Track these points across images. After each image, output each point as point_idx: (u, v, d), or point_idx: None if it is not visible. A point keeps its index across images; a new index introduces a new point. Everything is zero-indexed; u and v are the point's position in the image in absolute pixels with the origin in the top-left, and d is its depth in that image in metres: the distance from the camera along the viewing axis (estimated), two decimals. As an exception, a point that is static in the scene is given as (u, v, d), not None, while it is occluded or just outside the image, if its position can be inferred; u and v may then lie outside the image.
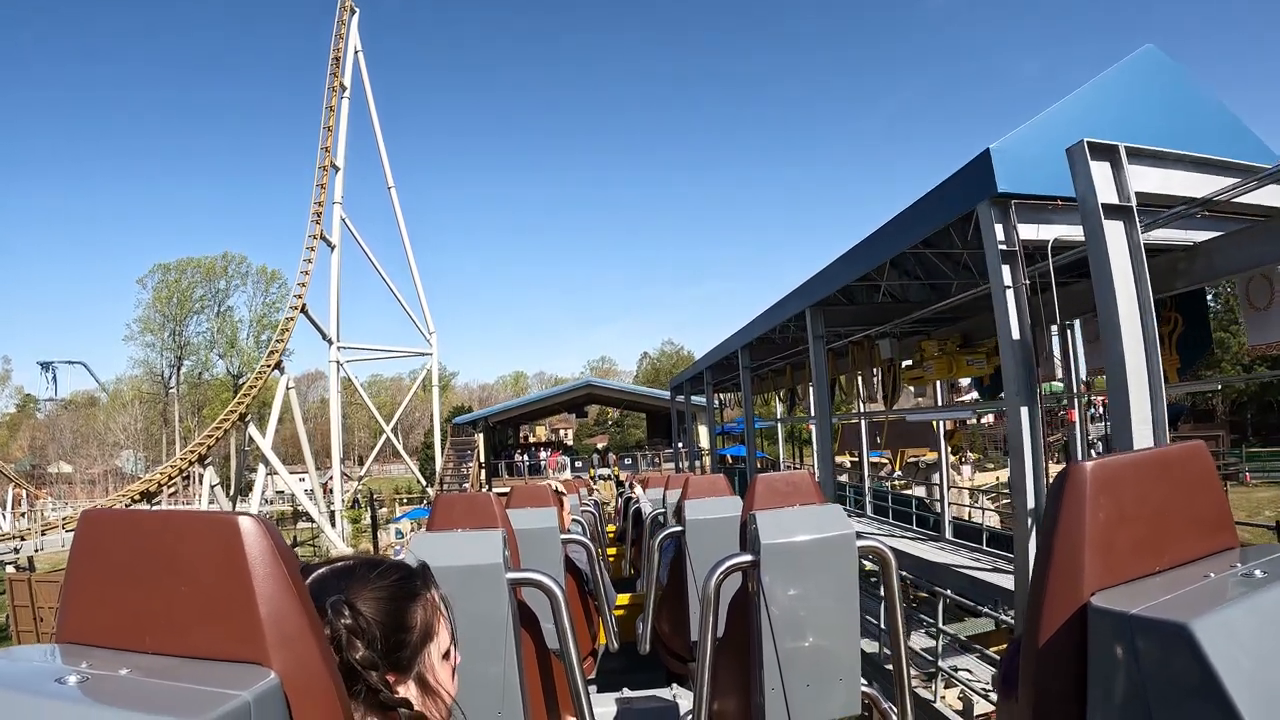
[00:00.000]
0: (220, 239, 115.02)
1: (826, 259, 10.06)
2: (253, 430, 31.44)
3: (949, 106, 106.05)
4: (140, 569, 0.73)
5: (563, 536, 3.32)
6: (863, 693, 2.26)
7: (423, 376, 43.63)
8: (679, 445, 28.07)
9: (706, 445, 29.10)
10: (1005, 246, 5.22)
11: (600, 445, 53.65)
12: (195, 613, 0.70)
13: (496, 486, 33.45)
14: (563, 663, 2.12)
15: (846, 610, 2.17)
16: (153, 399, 56.22)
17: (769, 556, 2.09)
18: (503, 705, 1.99)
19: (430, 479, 39.84)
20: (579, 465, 39.70)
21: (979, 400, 13.00)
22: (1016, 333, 5.20)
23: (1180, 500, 0.89)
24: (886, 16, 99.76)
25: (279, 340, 33.85)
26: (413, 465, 45.01)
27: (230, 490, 34.29)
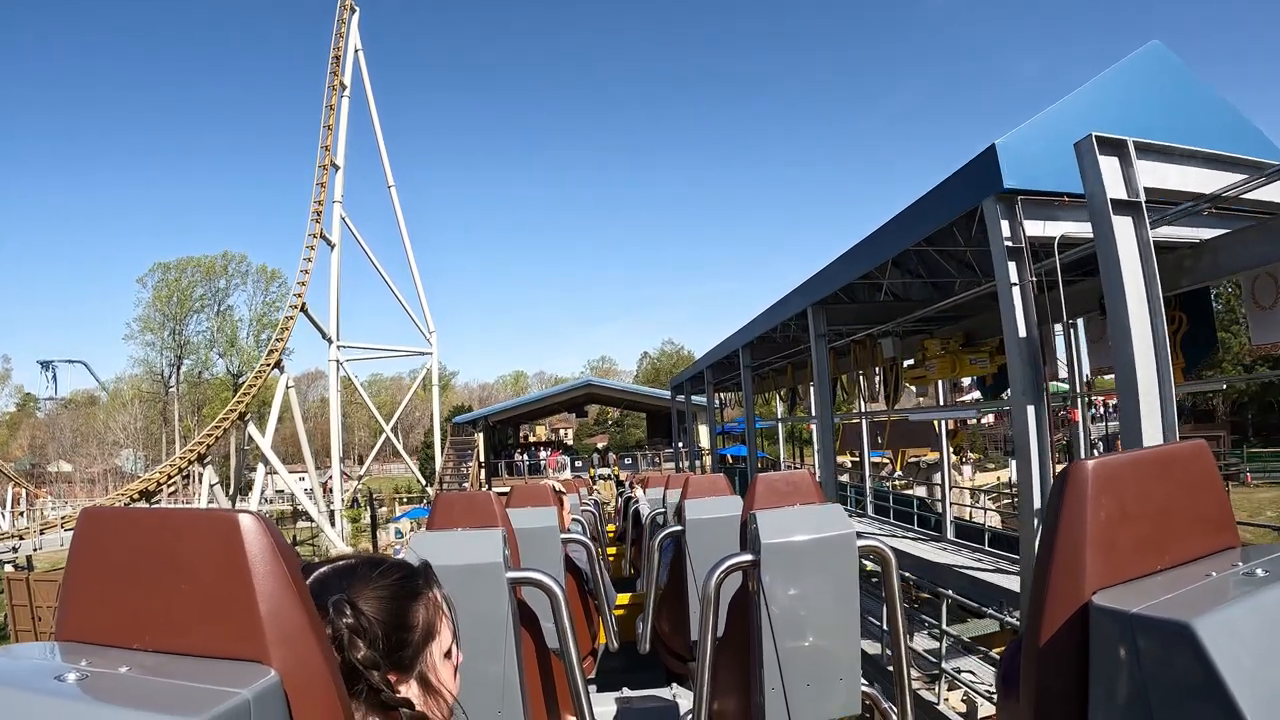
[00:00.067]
0: (220, 238, 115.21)
1: (826, 259, 9.98)
2: (252, 429, 31.47)
3: (949, 106, 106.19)
4: (140, 567, 0.72)
5: (563, 536, 3.32)
6: (863, 693, 2.26)
7: (423, 376, 43.62)
8: (679, 445, 28.06)
9: (707, 445, 29.11)
10: (1011, 243, 5.15)
11: (600, 445, 53.66)
12: (195, 610, 0.70)
13: (496, 486, 33.44)
14: (563, 662, 2.12)
15: (846, 610, 2.17)
16: (152, 398, 56.21)
17: (769, 556, 2.09)
18: (502, 704, 1.99)
19: (430, 478, 39.84)
20: (579, 465, 39.69)
21: (981, 400, 12.96)
22: (1023, 330, 5.13)
23: (1182, 499, 0.89)
24: (886, 16, 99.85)
25: (279, 339, 33.87)
26: (412, 465, 44.99)
27: (230, 489, 34.29)
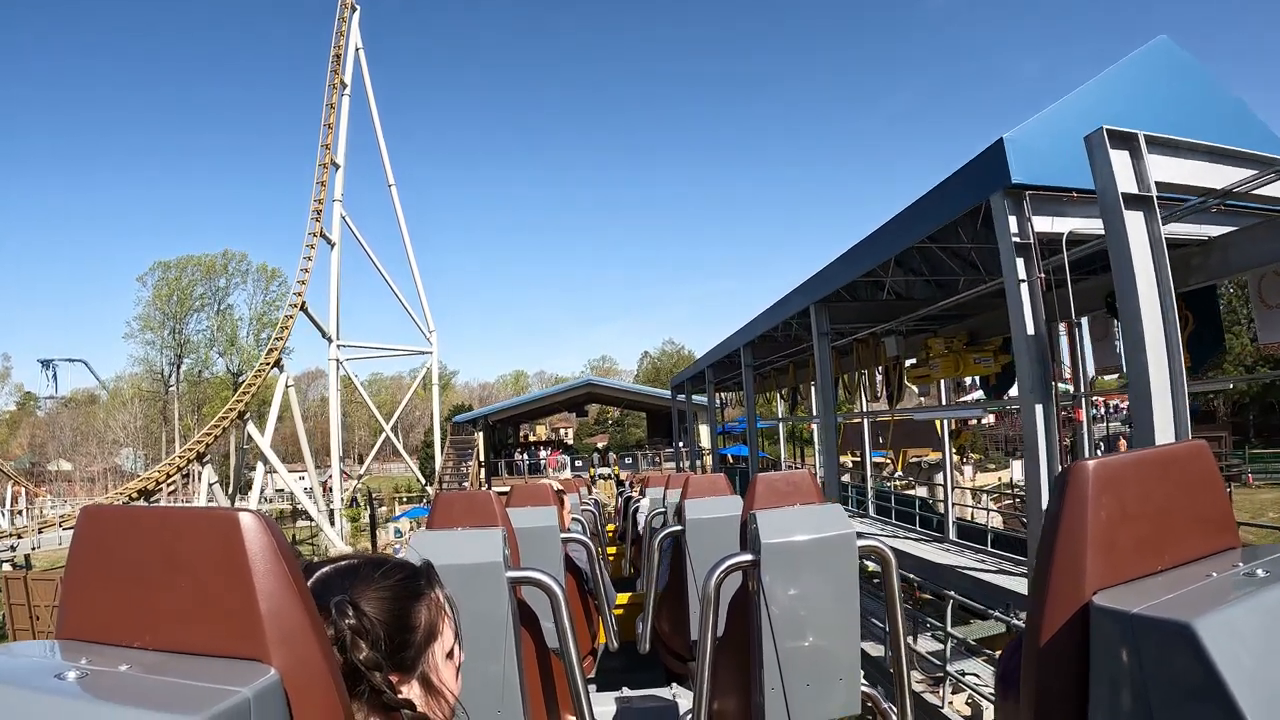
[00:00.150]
0: (220, 237, 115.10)
1: (826, 259, 9.96)
2: (251, 428, 31.42)
3: (949, 107, 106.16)
4: (141, 565, 0.72)
5: (563, 535, 3.32)
6: (863, 693, 2.26)
7: (423, 375, 43.61)
8: (679, 444, 28.05)
9: (707, 445, 29.10)
10: (1019, 239, 5.08)
11: (600, 444, 53.67)
12: (195, 609, 0.70)
13: (496, 485, 33.45)
14: (562, 662, 2.12)
15: (846, 610, 2.16)
16: (152, 397, 56.21)
17: (769, 556, 2.09)
18: (502, 704, 1.99)
19: (430, 478, 39.83)
20: (579, 464, 39.71)
21: (984, 400, 12.91)
22: (1031, 328, 5.06)
23: (1182, 500, 0.89)
24: (886, 16, 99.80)
25: (278, 338, 33.86)
26: (412, 464, 44.97)
27: (229, 488, 34.27)
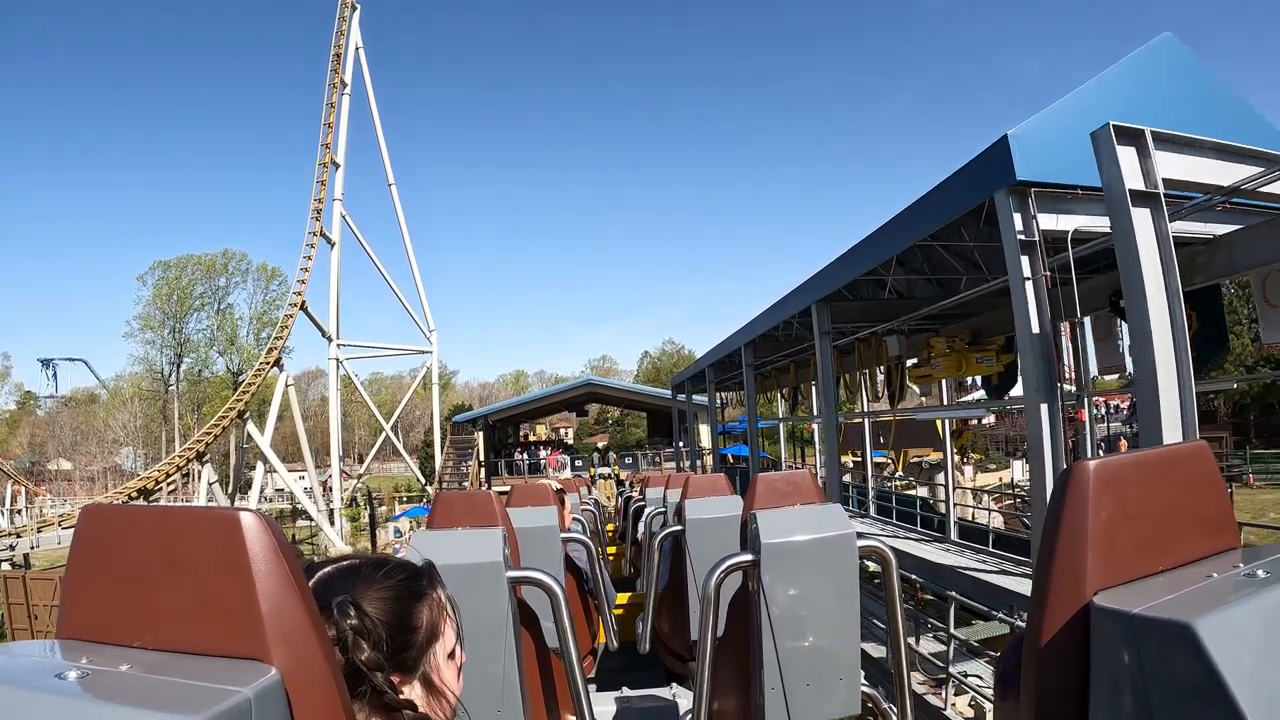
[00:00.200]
0: (220, 236, 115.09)
1: (826, 259, 9.98)
2: (251, 428, 31.39)
3: (949, 107, 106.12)
4: (141, 564, 0.72)
5: (563, 535, 3.32)
6: (863, 693, 2.26)
7: (423, 374, 43.57)
8: (680, 444, 28.04)
9: (708, 444, 29.09)
10: (1024, 237, 5.03)
11: (601, 444, 53.64)
12: (196, 608, 0.70)
13: (496, 485, 33.46)
14: (562, 661, 2.12)
15: (847, 610, 2.16)
16: (152, 396, 56.19)
17: (769, 556, 2.09)
18: (502, 704, 1.99)
19: (430, 477, 39.82)
20: (579, 464, 39.71)
21: (986, 400, 12.87)
22: (1036, 326, 5.01)
23: (1183, 500, 0.89)
24: (886, 16, 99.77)
25: (278, 337, 33.84)
26: (412, 464, 44.95)
27: (229, 488, 34.24)
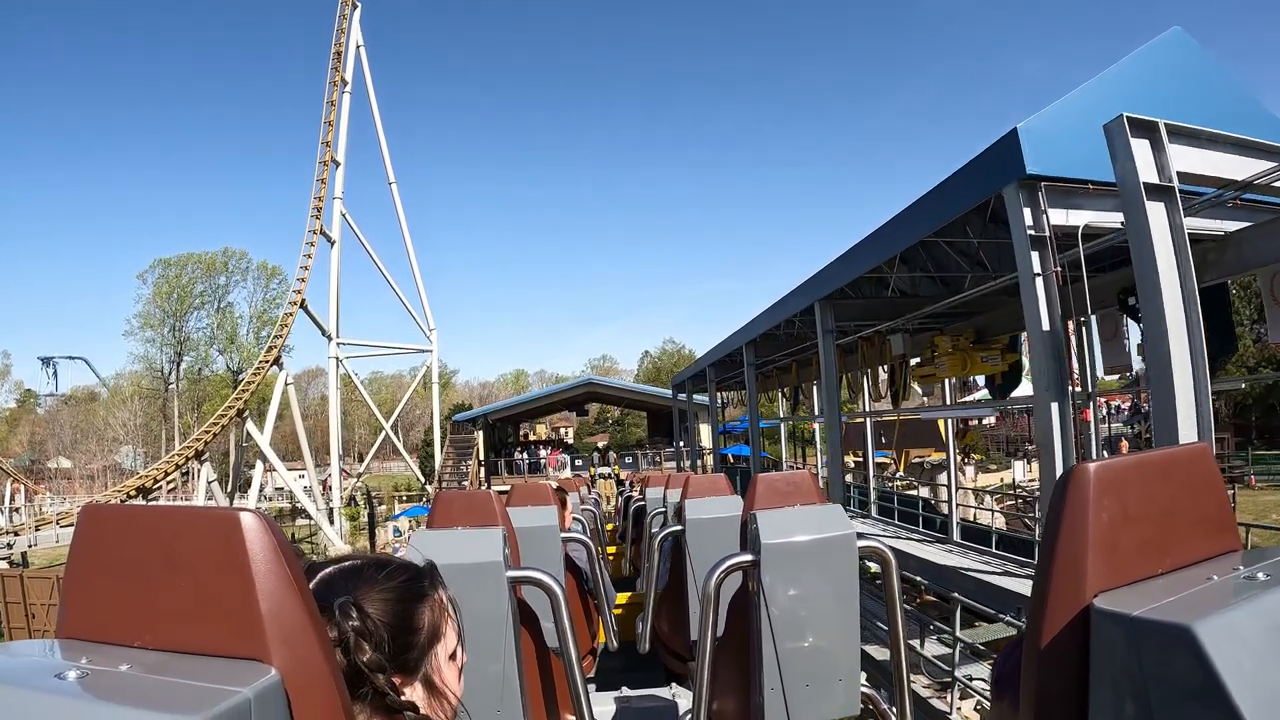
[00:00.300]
0: (220, 235, 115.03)
1: (826, 259, 9.96)
2: (251, 427, 31.33)
3: (949, 107, 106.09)
4: (141, 564, 0.72)
5: (563, 535, 3.33)
6: (863, 694, 2.26)
7: (423, 373, 43.55)
8: (680, 444, 28.03)
9: (708, 444, 29.09)
10: (1034, 232, 4.95)
11: (601, 444, 53.61)
12: (196, 608, 0.70)
13: (496, 485, 33.46)
14: (562, 661, 2.12)
15: (847, 611, 2.16)
16: (152, 395, 56.22)
17: (769, 556, 2.09)
18: (502, 703, 1.99)
19: (430, 477, 39.80)
20: (579, 464, 39.72)
21: (990, 400, 12.82)
22: (1046, 323, 4.93)
23: (1183, 502, 0.89)
24: (886, 16, 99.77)
25: (278, 336, 33.80)
26: (412, 463, 44.94)
27: (229, 487, 34.22)
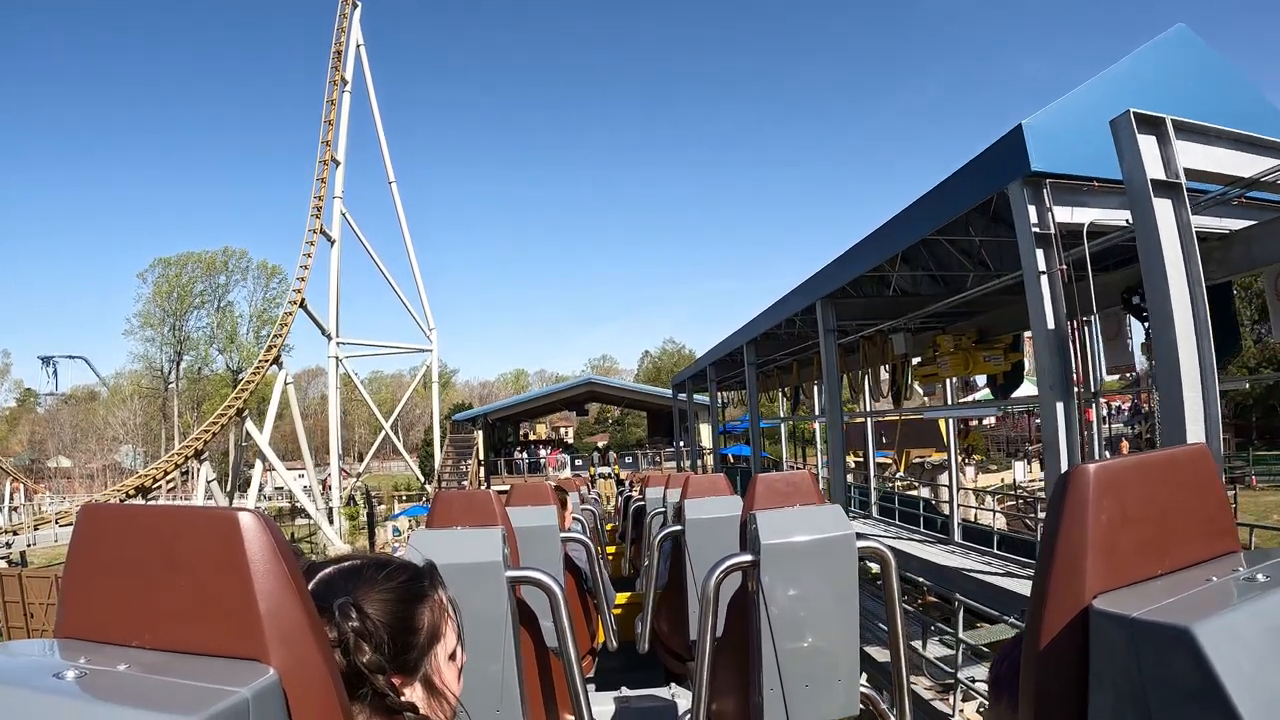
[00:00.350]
0: (221, 234, 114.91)
1: (826, 259, 9.96)
2: (250, 426, 31.29)
3: (949, 107, 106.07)
4: (140, 564, 0.72)
5: (562, 535, 3.33)
6: (862, 694, 2.26)
7: (423, 373, 43.57)
8: (680, 444, 28.02)
9: (708, 444, 29.09)
10: (1039, 229, 4.91)
11: (601, 444, 53.59)
12: (195, 608, 0.70)
13: (495, 484, 33.45)
14: (561, 661, 2.12)
15: (846, 611, 2.17)
16: (152, 394, 56.19)
17: (769, 556, 2.09)
18: (501, 703, 1.99)
19: (429, 476, 39.79)
20: (579, 464, 39.72)
21: (992, 399, 12.79)
22: (1051, 322, 4.90)
23: (1183, 503, 0.89)
24: (887, 17, 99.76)
25: (278, 335, 33.78)
26: (412, 462, 44.95)
27: (228, 486, 34.21)
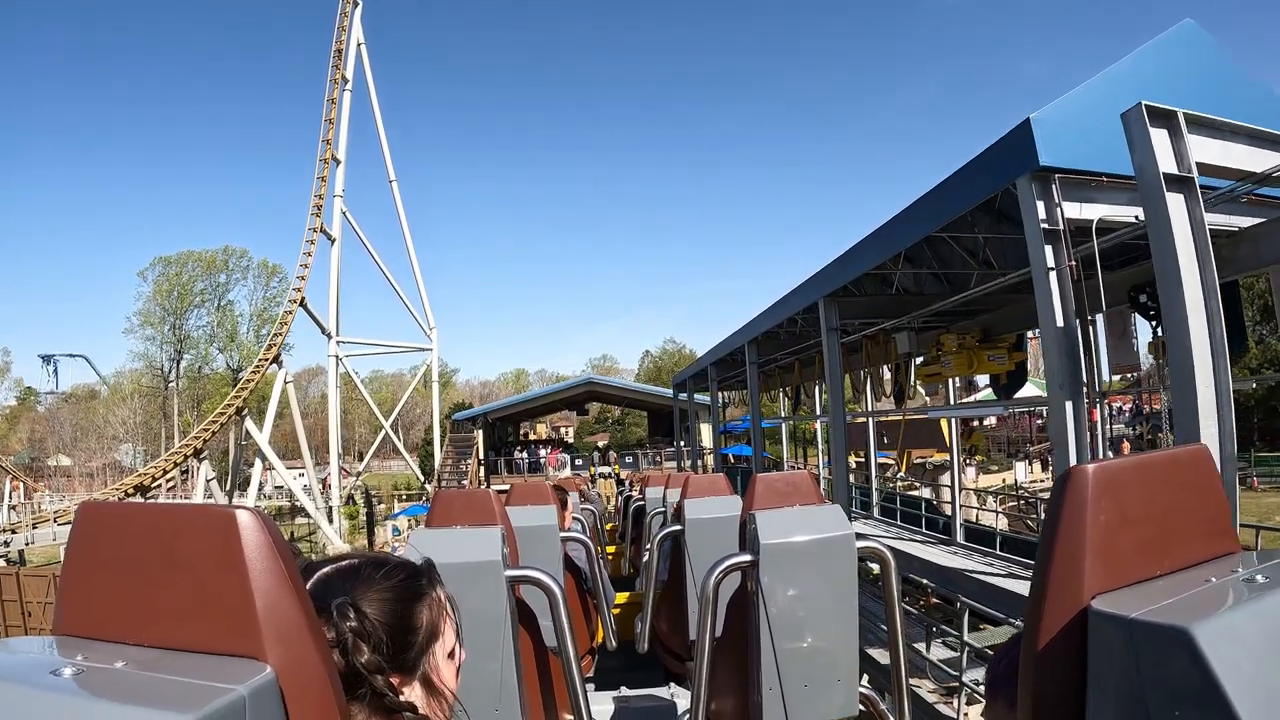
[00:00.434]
0: (221, 233, 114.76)
1: (827, 258, 9.92)
2: (250, 425, 31.25)
3: (949, 108, 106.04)
4: (138, 561, 0.72)
5: (562, 534, 3.33)
6: (862, 694, 2.26)
7: (423, 372, 43.56)
8: (680, 444, 28.00)
9: (709, 444, 29.07)
10: (1048, 225, 4.86)
11: (601, 443, 53.56)
12: (192, 606, 0.70)
13: (495, 484, 33.44)
14: (560, 661, 2.12)
15: (845, 611, 2.17)
16: (152, 393, 56.22)
17: (768, 556, 2.09)
18: (500, 703, 1.99)
19: (429, 475, 39.79)
20: (579, 463, 39.71)
21: (996, 400, 12.75)
22: (1060, 319, 4.84)
23: (1182, 504, 0.89)
24: (887, 17, 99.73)
25: (277, 334, 33.75)
26: (412, 462, 44.95)
27: (227, 485, 34.20)
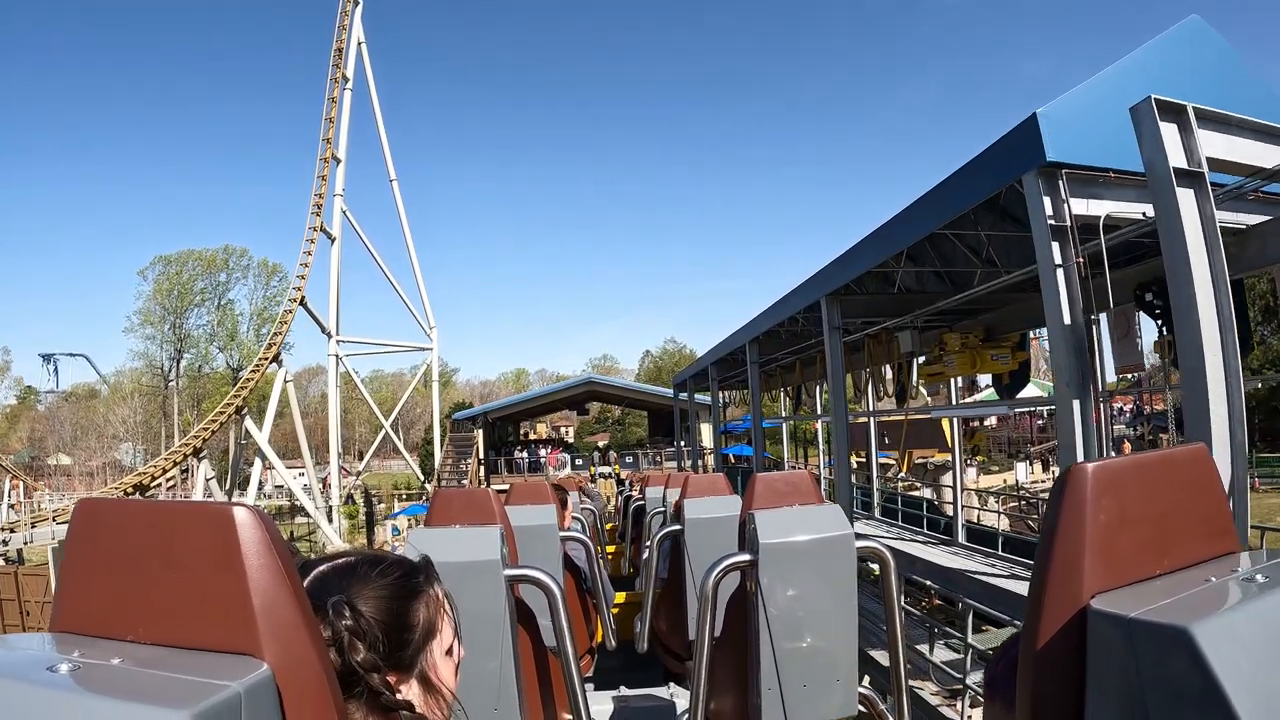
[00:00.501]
0: (221, 232, 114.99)
1: (827, 258, 9.90)
2: (250, 424, 31.24)
3: (949, 108, 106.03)
4: (135, 558, 0.72)
5: (561, 534, 3.33)
6: (861, 694, 2.26)
7: (423, 372, 43.55)
8: (680, 444, 27.99)
9: (709, 444, 29.06)
10: (1054, 222, 4.82)
11: (601, 443, 53.57)
12: (189, 603, 0.70)
13: (495, 483, 33.44)
14: (560, 660, 2.12)
15: (845, 611, 2.17)
16: (152, 392, 56.23)
17: (767, 556, 2.09)
18: (499, 702, 1.99)
19: (429, 475, 39.80)
20: (579, 463, 39.73)
21: (999, 400, 12.74)
22: (1068, 317, 4.80)
23: (1182, 503, 0.89)
24: (887, 17, 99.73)
25: (277, 333, 33.74)
26: (412, 461, 44.96)
27: (227, 484, 34.19)
